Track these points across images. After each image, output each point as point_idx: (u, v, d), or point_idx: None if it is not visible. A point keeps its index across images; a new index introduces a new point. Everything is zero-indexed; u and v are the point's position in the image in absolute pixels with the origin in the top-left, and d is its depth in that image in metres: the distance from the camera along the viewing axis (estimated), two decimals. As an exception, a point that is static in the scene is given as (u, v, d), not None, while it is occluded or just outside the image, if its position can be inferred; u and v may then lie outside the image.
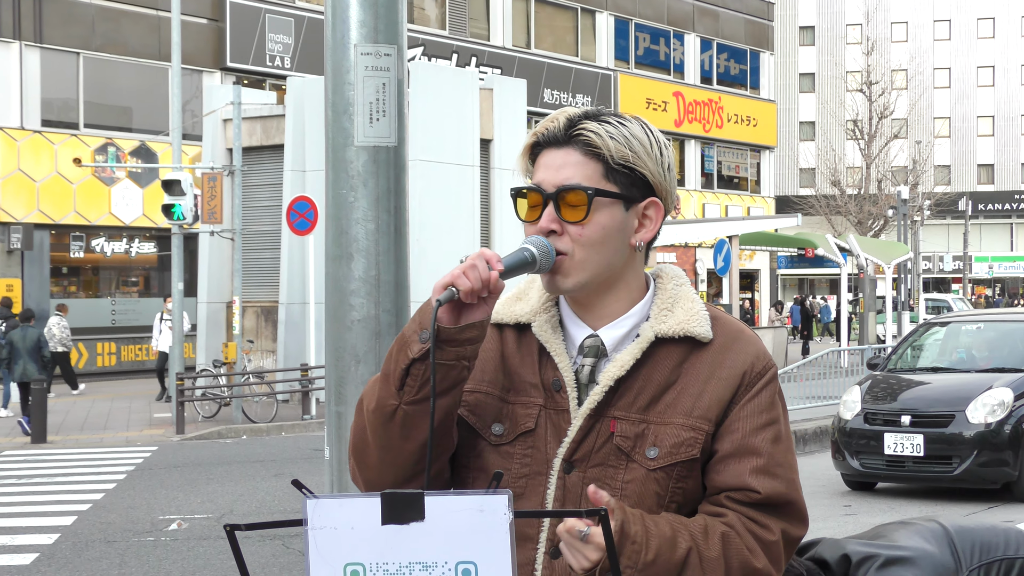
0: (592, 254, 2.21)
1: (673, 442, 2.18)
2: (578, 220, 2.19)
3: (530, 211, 2.25)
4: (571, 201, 2.19)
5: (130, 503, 13.52)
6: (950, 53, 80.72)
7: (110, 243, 32.83)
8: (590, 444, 2.20)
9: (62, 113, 31.97)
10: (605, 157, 2.20)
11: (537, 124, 2.27)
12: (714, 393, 2.20)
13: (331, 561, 1.87)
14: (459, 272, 2.09)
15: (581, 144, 2.20)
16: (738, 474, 2.18)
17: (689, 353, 2.23)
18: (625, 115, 2.26)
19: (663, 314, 2.25)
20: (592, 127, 2.20)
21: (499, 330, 2.31)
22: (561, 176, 2.20)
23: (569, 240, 2.20)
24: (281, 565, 10.13)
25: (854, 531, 11.48)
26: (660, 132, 2.28)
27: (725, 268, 30.52)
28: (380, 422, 2.15)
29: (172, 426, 20.95)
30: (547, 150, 2.24)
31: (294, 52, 35.71)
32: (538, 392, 2.24)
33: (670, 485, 2.19)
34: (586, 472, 2.19)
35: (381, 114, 3.52)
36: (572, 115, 2.23)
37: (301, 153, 24.98)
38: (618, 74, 46.01)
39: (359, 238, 3.50)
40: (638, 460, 2.18)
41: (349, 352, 3.51)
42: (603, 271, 2.22)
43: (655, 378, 2.21)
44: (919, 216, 56.11)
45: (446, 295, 2.07)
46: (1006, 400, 13.12)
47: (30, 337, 21.97)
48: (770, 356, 2.28)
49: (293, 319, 24.91)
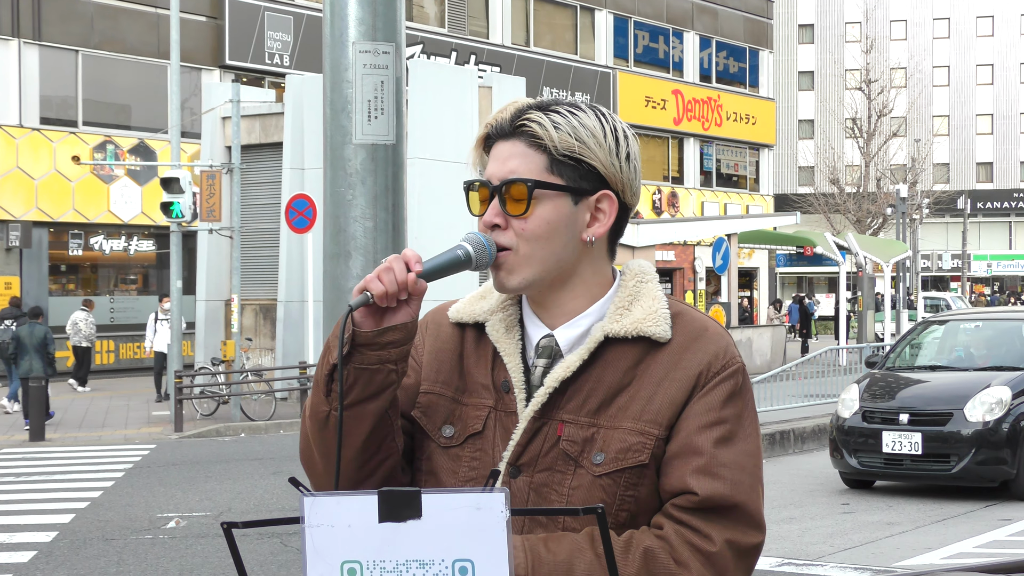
0: (536, 249, 2.12)
1: (620, 447, 2.07)
2: (520, 214, 2.11)
3: (480, 205, 2.19)
4: (514, 194, 2.11)
5: (128, 501, 13.52)
6: (949, 51, 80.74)
7: (109, 241, 32.83)
8: (536, 448, 2.11)
9: (61, 111, 31.96)
10: (549, 148, 2.10)
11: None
12: (666, 395, 2.08)
13: (328, 559, 1.87)
14: (373, 276, 2.02)
15: (526, 135, 2.12)
16: (680, 476, 2.05)
17: (645, 354, 2.11)
18: (583, 104, 2.16)
19: (619, 313, 2.14)
20: (536, 117, 2.11)
21: (461, 329, 2.26)
22: (506, 168, 2.13)
23: (512, 235, 2.13)
24: (279, 563, 10.13)
25: (852, 529, 11.54)
26: (622, 123, 2.18)
27: (724, 266, 30.53)
28: (316, 428, 2.10)
29: (170, 424, 20.96)
30: (497, 142, 2.16)
31: (293, 50, 35.70)
32: (489, 393, 2.17)
33: (618, 492, 2.07)
34: (533, 477, 2.10)
35: (379, 112, 3.52)
36: (520, 106, 2.15)
37: (300, 151, 24.98)
38: (617, 72, 46.01)
39: (357, 236, 3.50)
40: (585, 466, 2.08)
41: (347, 350, 3.51)
42: (551, 267, 2.13)
43: (606, 380, 2.11)
44: (918, 214, 56.14)
45: (359, 300, 2.01)
46: (1004, 398, 13.13)
47: (37, 334, 22.13)
48: (735, 353, 2.14)
49: (292, 317, 24.91)
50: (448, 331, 2.27)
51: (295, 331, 24.76)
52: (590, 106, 2.16)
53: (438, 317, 2.32)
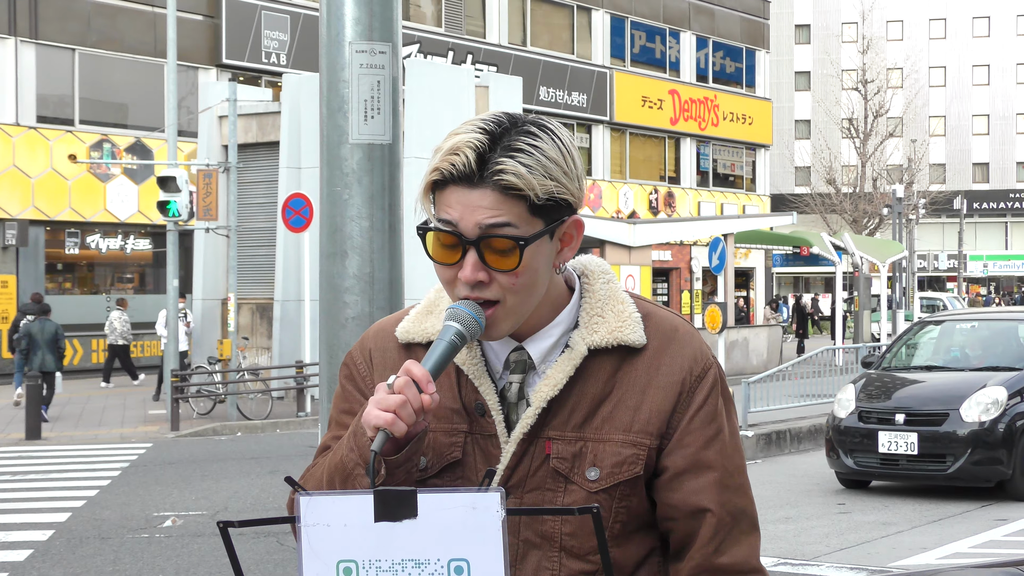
0: (526, 297, 2.02)
1: (614, 461, 2.04)
2: (510, 269, 1.98)
3: (445, 252, 2.01)
4: (497, 247, 1.97)
5: (125, 500, 13.51)
6: (945, 51, 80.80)
7: (105, 240, 32.81)
8: (525, 469, 2.06)
9: (57, 109, 31.95)
10: (528, 196, 1.97)
11: (437, 153, 2.03)
12: (653, 404, 2.06)
13: (324, 558, 1.87)
14: (391, 416, 1.89)
15: (498, 186, 1.96)
16: (693, 490, 2.05)
17: (622, 361, 2.07)
18: (532, 127, 2.02)
19: (594, 321, 2.08)
20: (510, 166, 1.96)
21: (408, 350, 2.16)
22: (482, 219, 1.97)
23: (499, 288, 2.00)
24: (275, 562, 10.14)
25: (848, 529, 11.54)
26: (564, 132, 2.06)
27: (720, 266, 30.51)
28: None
29: (167, 423, 20.95)
30: (454, 187, 1.99)
31: (290, 49, 35.69)
32: (460, 417, 2.09)
33: (613, 505, 2.05)
34: (522, 498, 2.06)
35: (376, 112, 3.53)
36: (476, 145, 1.97)
37: (297, 150, 24.97)
38: (614, 72, 46.01)
39: (353, 235, 3.50)
40: (577, 482, 2.05)
41: (343, 349, 3.51)
42: (533, 307, 2.05)
43: (589, 392, 2.06)
44: (914, 214, 56.16)
45: (379, 440, 1.89)
46: (1000, 398, 13.14)
47: (48, 329, 22.63)
48: (708, 353, 2.12)
49: (288, 316, 24.91)
50: (395, 355, 2.16)
51: (291, 330, 24.75)
52: (539, 126, 2.03)
53: (380, 342, 2.19)
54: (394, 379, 1.92)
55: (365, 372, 2.18)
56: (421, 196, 2.05)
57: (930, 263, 75.11)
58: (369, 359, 2.18)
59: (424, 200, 2.04)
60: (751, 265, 50.83)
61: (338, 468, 2.00)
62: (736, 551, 2.06)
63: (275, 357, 25.22)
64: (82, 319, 31.40)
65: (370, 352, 2.19)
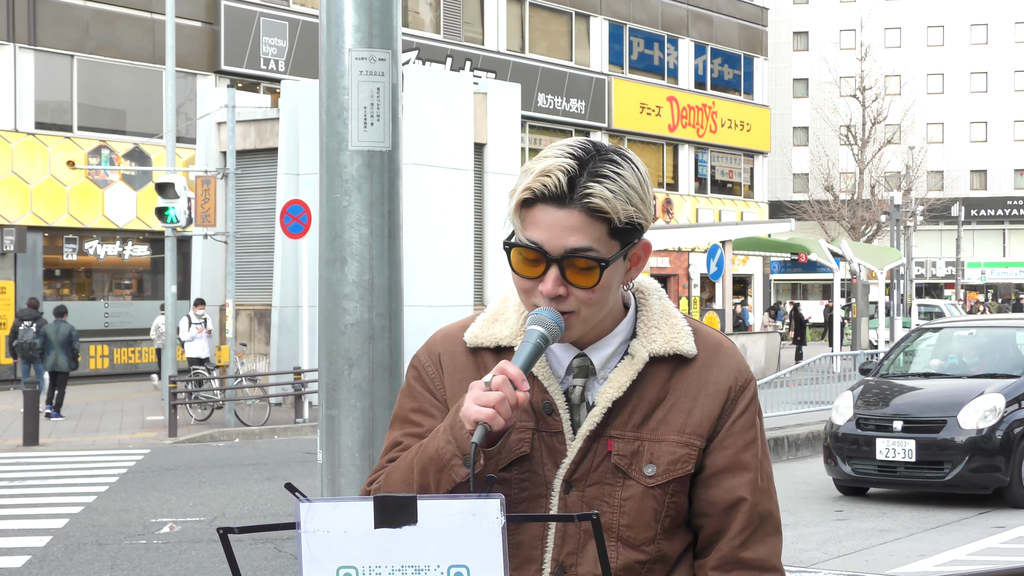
0: (596, 311, 2.21)
1: (670, 459, 2.23)
2: (589, 286, 2.17)
3: (528, 267, 2.19)
4: (579, 265, 2.16)
5: (122, 506, 13.50)
6: (943, 58, 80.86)
7: (103, 246, 32.80)
8: (588, 464, 2.22)
9: (56, 115, 31.95)
10: (611, 219, 2.17)
11: (527, 175, 2.19)
12: (703, 409, 2.25)
13: (324, 564, 1.87)
14: (491, 411, 2.05)
15: (586, 208, 2.15)
16: (732, 487, 2.25)
17: (675, 369, 2.27)
18: (615, 157, 2.20)
19: (652, 332, 2.27)
20: (597, 190, 2.14)
21: (474, 354, 2.31)
22: (567, 241, 2.15)
23: (575, 301, 2.18)
24: (273, 568, 10.13)
25: (846, 536, 11.54)
26: (641, 162, 2.24)
27: (718, 273, 30.54)
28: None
29: (164, 429, 20.93)
30: (543, 206, 2.16)
31: (288, 55, 35.71)
32: (529, 416, 2.24)
33: (666, 500, 2.23)
34: (584, 491, 2.22)
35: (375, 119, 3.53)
36: (569, 170, 2.15)
37: (295, 157, 24.98)
38: (612, 79, 46.05)
39: (353, 242, 3.51)
40: (635, 477, 2.22)
41: (342, 356, 3.51)
42: (601, 314, 2.24)
43: (647, 396, 2.25)
44: (912, 221, 56.19)
45: (479, 433, 2.05)
46: (998, 406, 13.15)
47: (62, 331, 23.45)
48: (748, 368, 2.35)
49: (286, 322, 24.90)
50: (463, 359, 2.32)
51: (289, 336, 24.75)
52: (620, 155, 2.21)
53: (448, 345, 2.35)
54: (491, 377, 2.08)
55: (434, 374, 2.33)
56: (511, 213, 2.21)
57: (928, 270, 75.13)
58: (438, 362, 2.34)
59: (514, 217, 2.20)
60: (749, 272, 50.86)
61: (433, 460, 2.14)
62: (760, 548, 2.26)
63: (273, 363, 25.20)
64: (80, 325, 31.30)
65: (439, 356, 2.34)
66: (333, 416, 3.53)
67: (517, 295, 2.29)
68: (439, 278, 24.68)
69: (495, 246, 26.97)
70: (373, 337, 3.50)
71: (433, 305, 24.06)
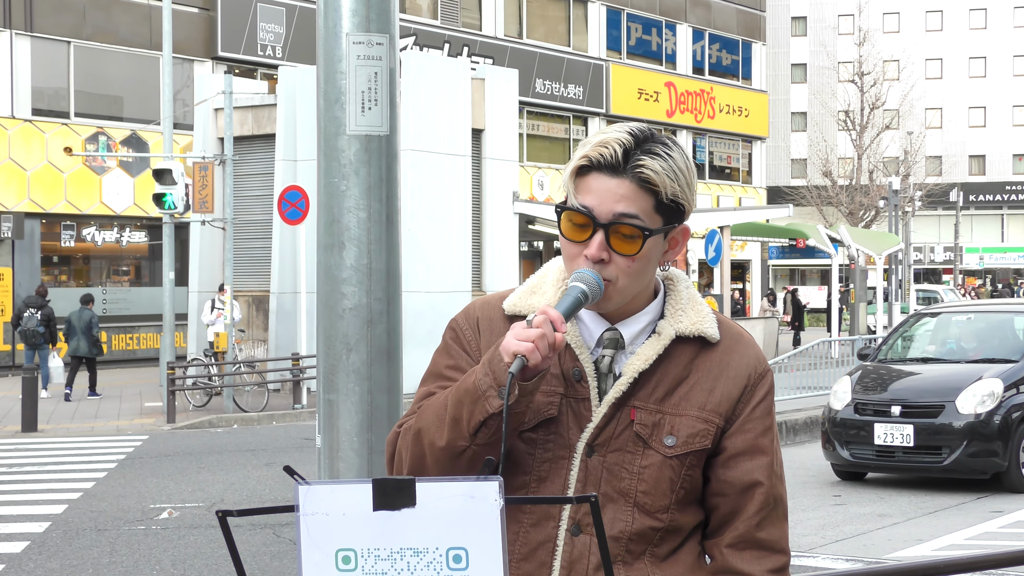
0: (634, 282, 2.34)
1: (689, 432, 2.34)
2: (631, 254, 2.30)
3: (575, 230, 2.32)
4: (624, 232, 2.29)
5: (121, 492, 13.52)
6: (942, 43, 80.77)
7: (101, 232, 32.78)
8: (611, 431, 2.33)
9: (53, 102, 31.90)
10: (660, 193, 2.30)
11: (585, 145, 2.33)
12: (724, 391, 2.37)
13: (323, 547, 1.88)
14: (530, 345, 2.16)
15: (638, 178, 2.29)
16: (749, 470, 2.37)
17: (699, 351, 2.39)
18: (666, 140, 2.35)
19: (678, 314, 2.40)
20: (649, 163, 2.28)
21: (511, 321, 2.42)
22: (616, 207, 2.29)
23: (615, 269, 2.30)
24: (272, 554, 10.15)
25: (844, 521, 11.55)
26: (687, 153, 2.39)
27: (716, 258, 30.53)
28: (448, 458, 2.28)
29: (163, 415, 20.95)
30: (597, 174, 2.30)
31: (285, 41, 35.65)
32: (558, 381, 2.35)
33: (682, 472, 2.35)
34: (606, 456, 2.33)
35: (373, 103, 3.53)
36: (625, 143, 2.29)
37: (293, 142, 24.95)
38: (610, 64, 45.99)
39: (351, 227, 3.51)
40: (655, 447, 2.34)
41: (341, 340, 3.51)
42: (637, 292, 2.37)
43: (671, 372, 2.37)
44: (910, 207, 56.16)
45: (518, 365, 2.16)
46: (996, 391, 13.16)
47: (84, 317, 24.53)
48: (766, 359, 2.47)
49: (284, 308, 24.90)
50: (500, 325, 2.43)
51: (288, 322, 24.75)
52: (673, 142, 2.35)
53: (487, 311, 2.47)
54: (533, 316, 2.20)
55: (471, 336, 2.45)
56: (567, 178, 2.34)
57: (926, 255, 75.12)
58: (476, 326, 2.46)
59: (569, 182, 2.34)
60: (747, 257, 50.85)
61: (469, 391, 2.25)
62: (773, 530, 2.38)
63: (271, 349, 25.21)
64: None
65: (477, 320, 2.47)
66: (331, 400, 3.53)
67: (554, 272, 2.44)
68: (437, 264, 24.67)
69: (493, 232, 26.96)
70: (371, 321, 3.51)
71: (431, 291, 24.07)
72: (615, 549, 2.31)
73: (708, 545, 2.40)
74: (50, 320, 24.30)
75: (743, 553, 2.36)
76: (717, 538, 2.39)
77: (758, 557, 2.36)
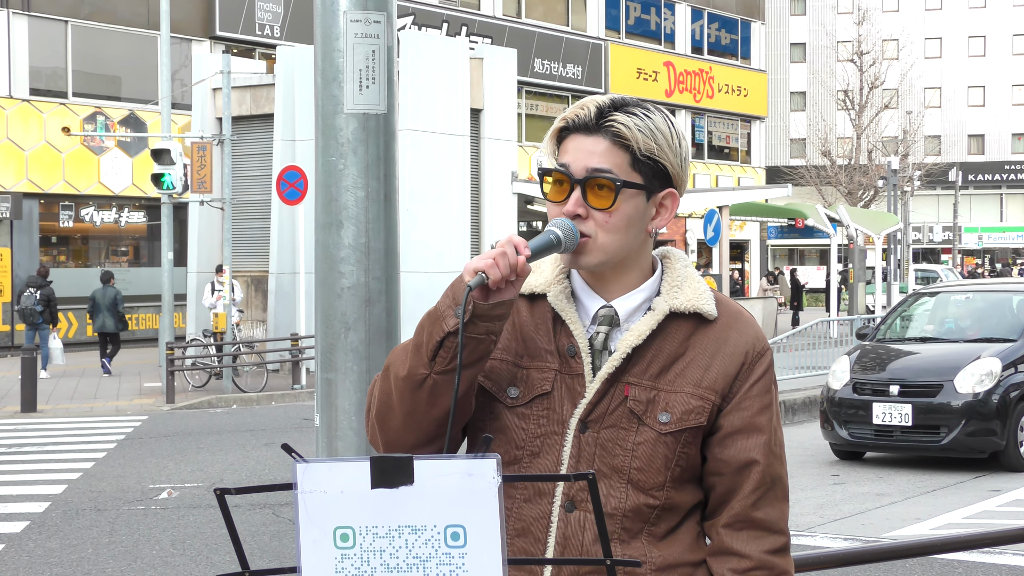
0: (614, 239, 2.34)
1: (684, 409, 2.34)
2: (605, 208, 2.32)
3: (555, 190, 2.36)
4: (598, 185, 2.32)
5: (120, 472, 13.54)
6: (941, 22, 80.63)
7: (99, 212, 32.77)
8: (604, 407, 2.33)
9: (51, 82, 31.85)
10: (633, 148, 2.32)
11: (565, 111, 2.38)
12: (720, 368, 2.36)
13: (321, 524, 1.88)
14: (490, 261, 2.20)
15: (610, 134, 2.32)
16: (746, 448, 2.36)
17: (695, 329, 2.38)
18: (648, 105, 2.38)
19: (674, 291, 2.40)
20: (622, 119, 2.32)
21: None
22: (590, 162, 2.32)
23: (593, 224, 2.33)
24: (271, 533, 10.17)
25: (842, 500, 11.57)
26: (678, 123, 2.41)
27: (715, 238, 30.54)
28: (409, 389, 2.28)
29: (162, 395, 20.97)
30: (575, 135, 2.35)
31: (283, 21, 35.57)
32: (553, 358, 2.37)
33: (677, 450, 2.34)
34: (599, 432, 2.33)
35: (371, 81, 3.52)
36: (601, 104, 2.34)
37: (291, 122, 24.92)
38: (609, 44, 45.91)
39: (349, 205, 3.50)
40: (649, 424, 2.33)
41: (339, 319, 3.51)
42: (621, 253, 2.36)
43: (666, 349, 2.36)
44: (909, 186, 56.14)
45: (476, 280, 2.19)
46: (994, 370, 13.17)
47: (108, 295, 25.45)
48: (765, 337, 2.46)
49: (283, 289, 24.90)
50: None
51: (286, 302, 24.75)
52: (656, 108, 2.38)
53: None
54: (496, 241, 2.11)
55: None
56: (547, 141, 2.41)
57: (925, 235, 75.12)
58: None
59: (550, 143, 2.40)
60: (746, 237, 50.84)
61: (429, 315, 2.28)
62: (770, 510, 2.37)
63: (270, 330, 25.22)
64: (77, 292, 31.37)
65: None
66: (330, 380, 3.53)
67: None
68: (436, 243, 24.66)
69: (491, 211, 26.94)
70: (370, 300, 3.50)
71: (430, 271, 24.06)
72: (610, 526, 2.30)
73: (707, 526, 2.40)
74: (50, 300, 24.30)
75: (740, 533, 2.35)
76: (714, 519, 2.38)
77: (755, 537, 2.34)
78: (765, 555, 2.34)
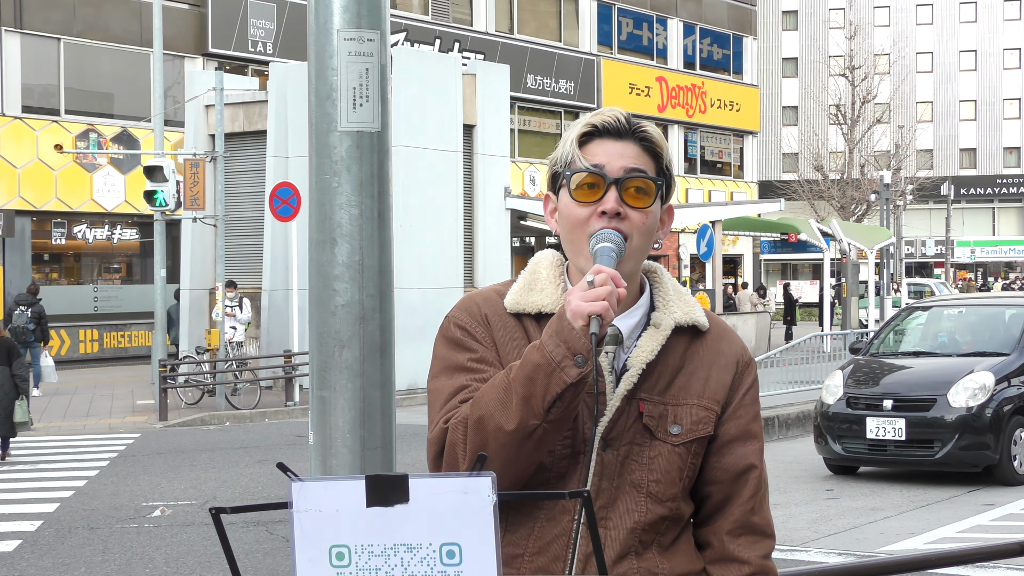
0: (644, 243, 2.37)
1: (693, 420, 2.39)
2: (643, 207, 2.35)
3: (587, 192, 2.35)
4: (636, 186, 2.35)
5: (113, 490, 13.51)
6: (932, 37, 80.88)
7: (92, 230, 32.74)
8: (623, 424, 2.37)
9: (43, 99, 31.85)
10: (661, 157, 2.39)
11: (586, 117, 2.40)
12: (718, 378, 2.43)
13: (316, 543, 1.88)
14: (604, 304, 2.16)
15: (641, 141, 2.37)
16: (743, 455, 2.42)
17: (691, 341, 2.44)
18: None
19: (670, 304, 2.44)
20: (651, 129, 2.39)
21: (518, 319, 2.44)
22: (626, 163, 2.35)
23: (629, 225, 2.34)
24: (265, 551, 10.15)
25: (836, 515, 11.57)
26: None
27: (708, 253, 30.56)
28: (516, 440, 2.23)
29: (155, 413, 20.93)
30: (602, 139, 2.37)
31: (276, 38, 35.61)
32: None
33: (688, 460, 2.40)
34: (619, 450, 2.36)
35: (364, 99, 3.52)
36: (625, 114, 2.39)
37: (284, 139, 24.93)
38: (601, 59, 46.00)
39: (343, 223, 3.50)
40: (661, 437, 2.37)
41: (333, 337, 3.51)
42: (643, 260, 2.41)
43: (670, 363, 2.41)
44: (901, 201, 56.25)
45: (595, 325, 2.16)
46: (987, 384, 13.19)
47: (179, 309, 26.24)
48: (748, 349, 2.57)
49: (276, 305, 24.88)
50: (510, 321, 2.44)
51: (279, 319, 24.73)
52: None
53: (492, 308, 2.46)
54: (592, 277, 2.19)
55: (484, 333, 2.44)
56: (571, 143, 2.38)
57: (918, 249, 75.28)
58: (486, 321, 2.45)
59: (573, 147, 2.38)
60: (739, 252, 50.90)
61: (540, 367, 2.20)
62: (764, 514, 2.46)
63: (263, 346, 25.20)
64: (69, 310, 31.36)
65: (485, 316, 2.45)
66: (324, 397, 3.53)
67: (546, 267, 2.44)
68: (429, 260, 24.66)
69: (485, 227, 26.95)
70: (364, 318, 3.50)
71: (424, 287, 24.05)
72: (630, 540, 2.34)
73: (704, 533, 2.44)
74: (40, 318, 24.24)
75: (739, 539, 2.41)
76: (712, 525, 2.43)
77: (752, 543, 2.42)
78: (762, 560, 2.42)
